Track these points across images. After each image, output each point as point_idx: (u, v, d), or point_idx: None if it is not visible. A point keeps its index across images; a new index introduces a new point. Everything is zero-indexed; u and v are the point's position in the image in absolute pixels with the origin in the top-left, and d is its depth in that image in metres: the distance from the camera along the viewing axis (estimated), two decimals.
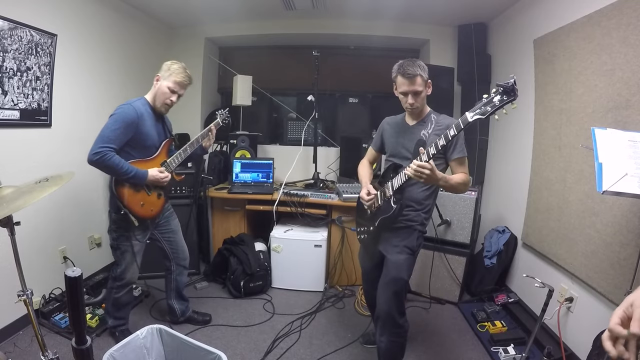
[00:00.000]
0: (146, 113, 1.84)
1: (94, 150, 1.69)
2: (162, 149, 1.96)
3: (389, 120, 1.90)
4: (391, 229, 1.72)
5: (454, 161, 1.65)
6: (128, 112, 1.75)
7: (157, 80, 1.87)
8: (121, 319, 2.08)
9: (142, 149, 1.86)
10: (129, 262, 1.96)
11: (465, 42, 3.14)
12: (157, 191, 1.96)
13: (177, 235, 2.19)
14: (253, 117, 3.65)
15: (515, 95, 1.24)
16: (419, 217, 1.71)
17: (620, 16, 1.66)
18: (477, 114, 1.30)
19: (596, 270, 1.78)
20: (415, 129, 1.72)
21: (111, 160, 1.69)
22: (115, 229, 1.93)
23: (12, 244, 1.22)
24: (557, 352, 1.87)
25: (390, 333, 1.70)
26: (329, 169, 3.50)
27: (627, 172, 1.18)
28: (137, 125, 1.78)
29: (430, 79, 1.68)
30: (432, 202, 1.76)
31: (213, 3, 2.97)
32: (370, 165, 2.02)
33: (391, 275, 1.68)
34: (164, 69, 1.86)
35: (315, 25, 3.40)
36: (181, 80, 1.86)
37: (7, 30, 1.92)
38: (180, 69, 1.86)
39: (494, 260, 2.61)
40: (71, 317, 1.05)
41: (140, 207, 1.87)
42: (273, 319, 2.44)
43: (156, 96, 1.87)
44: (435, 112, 1.75)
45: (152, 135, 1.88)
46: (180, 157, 2.00)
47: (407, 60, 1.63)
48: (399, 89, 1.67)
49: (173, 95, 1.87)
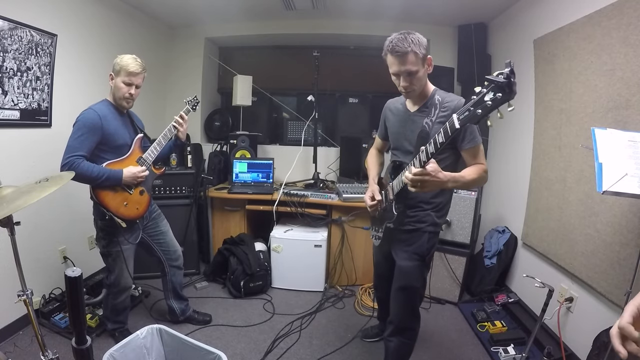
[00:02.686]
0: (110, 114, 1.80)
1: (62, 162, 1.65)
2: (135, 146, 1.91)
3: (391, 105, 1.70)
4: (400, 231, 1.60)
5: (466, 152, 1.44)
6: (89, 116, 1.72)
7: (111, 79, 1.82)
8: (120, 323, 2.08)
9: (114, 149, 1.82)
10: (121, 268, 1.94)
11: (465, 42, 3.14)
12: (138, 189, 1.91)
13: (167, 236, 2.15)
14: (253, 117, 3.65)
15: (512, 91, 0.92)
16: (429, 217, 1.55)
17: (620, 16, 1.66)
18: (466, 118, 1.03)
19: (596, 270, 1.78)
20: (416, 117, 1.50)
21: (80, 167, 1.65)
22: (103, 236, 1.89)
23: (12, 244, 1.22)
24: (557, 352, 1.87)
25: (402, 335, 1.68)
26: (329, 169, 3.50)
27: (627, 172, 1.18)
28: (101, 127, 1.73)
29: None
30: (444, 199, 1.57)
31: (213, 3, 2.97)
32: (380, 154, 1.91)
33: (401, 283, 1.61)
34: (114, 66, 1.79)
35: (315, 25, 3.40)
36: (133, 70, 1.78)
37: (7, 30, 1.92)
38: (130, 60, 1.80)
39: (494, 260, 2.61)
40: (71, 317, 1.05)
41: (125, 207, 1.84)
42: (273, 319, 2.44)
43: (114, 94, 1.84)
44: (441, 91, 1.50)
45: (122, 134, 1.84)
46: (155, 150, 1.94)
47: (398, 34, 1.37)
48: (390, 69, 1.43)
49: (130, 88, 1.82)
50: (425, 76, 1.46)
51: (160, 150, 1.97)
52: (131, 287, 2.06)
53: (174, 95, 3.58)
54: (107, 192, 1.78)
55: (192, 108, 2.13)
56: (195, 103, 2.16)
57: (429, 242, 1.57)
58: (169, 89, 3.61)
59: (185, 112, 2.05)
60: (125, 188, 1.85)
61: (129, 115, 1.95)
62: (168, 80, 3.61)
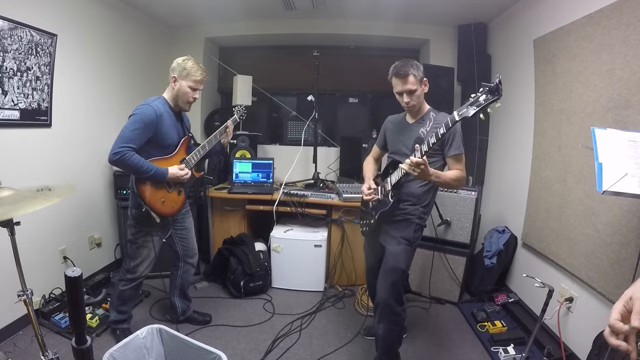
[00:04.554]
0: (165, 112, 1.85)
1: (114, 150, 1.70)
2: (181, 147, 1.97)
3: (392, 118, 1.97)
4: (390, 222, 1.81)
5: (450, 158, 1.70)
6: (147, 112, 1.77)
7: (174, 81, 1.87)
8: (124, 314, 2.09)
9: (161, 147, 1.87)
10: (144, 257, 1.98)
11: (465, 42, 3.14)
12: (177, 188, 1.98)
13: (190, 233, 2.21)
14: (253, 117, 3.64)
15: (500, 94, 1.29)
16: (417, 211, 1.78)
17: (620, 16, 1.66)
18: (464, 113, 1.36)
19: (596, 270, 1.78)
20: (414, 127, 1.79)
21: (131, 160, 1.71)
22: (134, 224, 1.94)
23: (12, 244, 1.22)
24: (557, 352, 1.87)
25: (388, 321, 1.77)
26: (329, 169, 3.50)
27: (627, 172, 1.18)
28: (156, 125, 1.79)
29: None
30: (430, 197, 1.82)
31: (213, 3, 2.97)
32: (375, 162, 2.10)
33: (389, 265, 1.76)
34: (178, 69, 1.86)
35: (315, 25, 3.40)
36: (201, 79, 1.89)
37: (7, 30, 1.92)
38: (196, 66, 1.87)
39: (494, 260, 2.61)
40: (71, 317, 1.05)
41: (162, 204, 1.90)
42: (273, 319, 2.44)
43: (177, 96, 1.89)
44: (435, 110, 1.80)
45: (172, 134, 1.90)
46: (199, 154, 2.02)
47: (400, 61, 1.70)
48: (394, 89, 1.74)
49: (195, 93, 1.90)
50: (423, 95, 1.75)
51: (203, 155, 2.03)
52: (144, 278, 2.07)
53: None
54: (148, 187, 1.84)
55: (239, 117, 2.22)
56: (243, 113, 2.26)
57: (416, 232, 1.79)
58: None
59: (233, 121, 2.15)
60: (166, 186, 1.90)
61: (180, 115, 1.99)
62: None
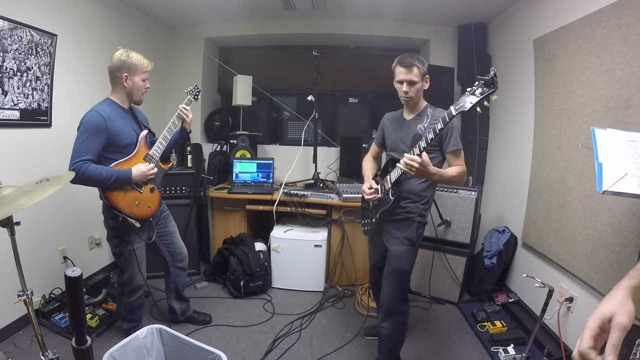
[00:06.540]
0: (114, 113, 1.76)
1: (69, 168, 1.62)
2: (140, 143, 1.87)
3: (389, 115, 1.96)
4: (391, 221, 1.80)
5: (450, 154, 1.70)
6: (92, 118, 1.68)
7: (125, 80, 1.77)
8: (135, 321, 2.07)
9: (121, 149, 1.79)
10: (134, 267, 1.92)
11: (465, 42, 3.14)
12: (148, 186, 1.89)
13: (175, 237, 2.15)
14: (253, 117, 3.65)
15: (495, 86, 1.28)
16: (418, 209, 1.77)
17: (620, 16, 1.66)
18: (461, 107, 1.36)
19: (596, 270, 1.78)
20: (412, 123, 1.78)
21: (88, 171, 1.62)
22: (115, 235, 1.87)
23: (12, 244, 1.22)
24: (557, 352, 1.87)
25: (393, 320, 1.78)
26: (329, 169, 3.50)
27: (627, 172, 1.18)
28: (106, 128, 1.70)
29: (430, 79, 1.73)
30: (430, 194, 1.81)
31: (213, 3, 2.97)
32: (374, 161, 2.09)
33: (393, 266, 1.76)
34: (126, 67, 1.75)
35: (315, 25, 3.40)
36: (150, 68, 1.85)
37: (7, 30, 1.92)
38: (141, 58, 1.81)
39: (494, 260, 2.61)
40: (71, 317, 1.05)
41: (137, 207, 1.82)
42: (273, 319, 2.44)
43: (132, 93, 1.82)
44: (432, 106, 1.79)
45: (127, 132, 1.81)
46: (161, 146, 1.91)
47: (407, 53, 1.71)
48: (396, 78, 1.73)
49: (147, 82, 1.86)
50: (422, 90, 1.74)
51: (166, 145, 1.94)
52: (144, 285, 2.03)
53: (173, 95, 3.57)
54: (117, 193, 1.76)
55: (194, 98, 2.09)
56: (196, 92, 2.11)
57: (417, 230, 1.78)
58: (169, 88, 3.61)
59: (188, 102, 2.03)
60: (135, 187, 1.82)
61: (132, 112, 1.92)
62: (168, 80, 3.61)
